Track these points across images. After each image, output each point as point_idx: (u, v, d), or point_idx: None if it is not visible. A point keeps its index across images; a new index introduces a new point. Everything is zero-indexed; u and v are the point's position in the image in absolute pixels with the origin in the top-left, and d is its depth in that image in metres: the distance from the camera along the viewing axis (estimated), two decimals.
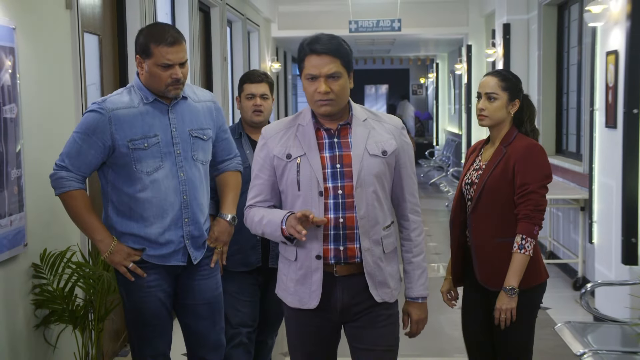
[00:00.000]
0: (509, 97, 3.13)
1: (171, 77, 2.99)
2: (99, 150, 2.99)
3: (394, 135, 2.68)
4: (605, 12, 5.21)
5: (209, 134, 3.17)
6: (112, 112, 2.99)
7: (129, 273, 3.05)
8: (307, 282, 2.64)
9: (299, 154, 2.62)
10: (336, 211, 2.60)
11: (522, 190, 3.05)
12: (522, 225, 3.04)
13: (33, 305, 3.48)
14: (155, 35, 3.00)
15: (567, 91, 7.78)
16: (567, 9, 7.75)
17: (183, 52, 3.02)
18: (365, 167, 2.60)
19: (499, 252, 3.08)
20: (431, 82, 22.46)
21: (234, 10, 8.79)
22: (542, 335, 5.08)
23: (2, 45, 3.17)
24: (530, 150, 3.11)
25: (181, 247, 3.09)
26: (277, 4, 12.43)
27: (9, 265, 3.28)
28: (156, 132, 3.03)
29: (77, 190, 3.02)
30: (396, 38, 14.17)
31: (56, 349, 3.65)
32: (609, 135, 5.22)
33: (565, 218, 7.13)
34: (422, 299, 2.77)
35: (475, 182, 3.14)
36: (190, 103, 3.15)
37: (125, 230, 3.05)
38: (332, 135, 2.64)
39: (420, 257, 2.76)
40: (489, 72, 3.29)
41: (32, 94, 3.46)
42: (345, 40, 2.64)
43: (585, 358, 3.23)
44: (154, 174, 3.02)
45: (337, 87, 2.56)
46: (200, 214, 3.12)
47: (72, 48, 3.96)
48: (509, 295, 3.03)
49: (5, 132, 3.20)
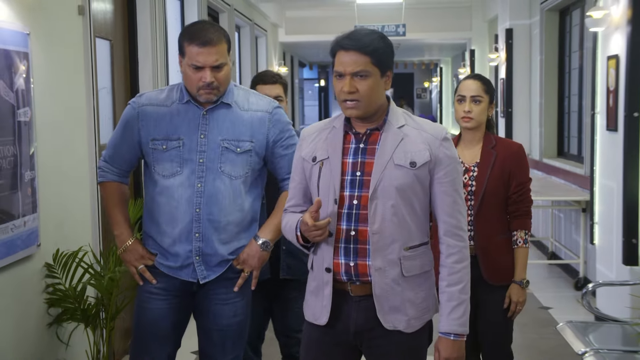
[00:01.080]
0: (489, 100, 3.23)
1: (201, 81, 2.71)
2: (130, 144, 2.86)
3: (431, 145, 2.31)
4: (606, 17, 5.21)
5: (245, 146, 2.80)
6: (142, 108, 2.83)
7: (137, 275, 2.87)
8: (320, 295, 2.38)
9: (323, 157, 2.36)
10: (349, 222, 2.31)
11: (521, 188, 3.17)
12: (524, 222, 3.17)
13: (46, 303, 3.49)
14: (189, 33, 2.74)
15: (569, 95, 7.77)
16: (568, 14, 7.75)
17: (219, 54, 2.71)
18: (387, 178, 2.28)
19: (500, 249, 3.17)
20: (435, 85, 22.46)
21: (242, 15, 8.81)
22: (544, 335, 5.09)
23: (16, 50, 3.19)
24: (522, 152, 3.23)
25: (190, 263, 2.81)
26: (284, 9, 12.44)
27: (23, 265, 3.29)
28: (180, 136, 2.78)
29: (110, 182, 2.92)
30: (401, 43, 14.17)
31: (68, 346, 3.66)
32: (610, 138, 5.21)
33: (567, 219, 7.11)
34: (455, 336, 2.33)
35: (468, 184, 3.16)
36: (234, 111, 2.81)
37: (148, 231, 2.89)
38: (360, 140, 2.35)
39: (457, 288, 2.33)
40: (468, 75, 3.35)
41: (45, 97, 3.47)
42: (387, 38, 2.33)
43: (587, 357, 3.22)
44: (170, 179, 2.79)
45: (364, 86, 2.26)
46: (213, 232, 2.78)
47: (84, 53, 3.98)
48: (523, 287, 3.16)
49: (20, 135, 3.21)
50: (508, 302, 3.15)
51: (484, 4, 12.05)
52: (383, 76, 2.31)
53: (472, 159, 3.21)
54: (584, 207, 6.34)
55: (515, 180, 3.16)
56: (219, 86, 2.74)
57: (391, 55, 2.33)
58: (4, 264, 3.11)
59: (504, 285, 3.17)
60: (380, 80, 2.30)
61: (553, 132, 8.14)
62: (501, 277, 3.17)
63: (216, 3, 7.44)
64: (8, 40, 3.12)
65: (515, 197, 3.16)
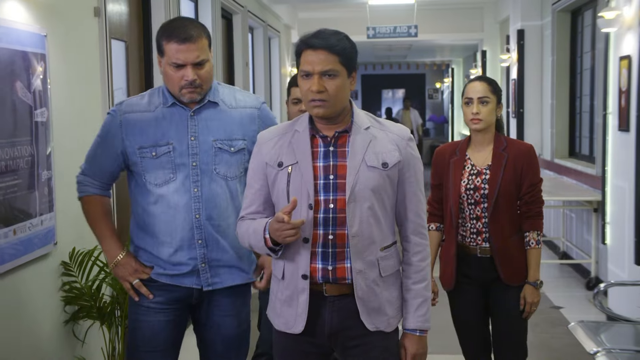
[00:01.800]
0: (497, 100, 3.21)
1: (183, 79, 2.57)
2: (112, 156, 2.68)
3: (399, 146, 2.30)
4: (618, 18, 5.17)
5: (238, 145, 2.68)
6: (124, 116, 2.65)
7: (132, 290, 2.68)
8: (294, 304, 2.30)
9: (291, 162, 2.28)
10: (326, 227, 2.24)
11: (533, 189, 3.17)
12: (537, 222, 3.17)
13: (63, 301, 3.50)
14: (168, 30, 2.58)
15: (580, 95, 7.73)
16: (580, 15, 7.70)
17: (199, 50, 2.56)
18: (361, 180, 2.24)
19: (514, 249, 3.17)
20: (447, 86, 22.39)
21: (255, 17, 8.81)
22: (556, 334, 5.06)
23: (34, 51, 3.20)
24: (533, 153, 3.22)
25: (196, 270, 2.66)
26: (297, 11, 12.44)
27: (40, 263, 3.30)
28: (169, 140, 2.62)
29: (92, 196, 2.74)
30: (413, 44, 14.14)
31: (84, 343, 3.67)
32: (622, 138, 5.17)
33: (579, 219, 7.07)
34: (421, 332, 2.33)
35: (481, 187, 3.14)
36: (222, 109, 2.69)
37: (140, 244, 2.70)
38: (329, 143, 2.29)
39: (422, 285, 2.33)
40: (474, 77, 3.33)
41: (61, 98, 3.49)
42: (349, 38, 2.29)
43: (599, 357, 3.19)
44: (163, 187, 2.62)
45: (332, 86, 2.21)
46: (217, 236, 2.65)
47: (100, 54, 3.99)
48: (537, 288, 3.17)
49: (37, 135, 3.22)
50: (523, 303, 3.16)
51: (495, 5, 12.01)
52: (349, 76, 2.27)
53: (484, 161, 3.19)
54: (596, 207, 6.30)
55: (526, 181, 3.15)
56: (202, 84, 2.61)
57: (356, 56, 2.29)
58: (22, 262, 3.12)
59: (517, 286, 3.17)
60: (347, 81, 2.26)
61: (565, 133, 8.10)
62: (517, 278, 3.17)
63: (229, 5, 7.45)
64: (26, 42, 3.13)
65: (527, 197, 3.16)
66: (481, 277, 3.20)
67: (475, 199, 3.16)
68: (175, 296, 2.68)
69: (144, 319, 2.68)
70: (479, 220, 3.17)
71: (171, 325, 2.70)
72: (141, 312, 2.69)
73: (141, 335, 2.68)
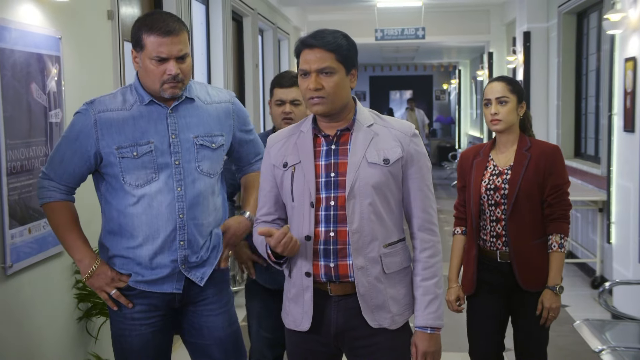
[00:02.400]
0: (517, 100, 3.10)
1: (166, 74, 2.43)
2: (83, 158, 2.49)
3: (401, 142, 2.27)
4: (624, 20, 5.16)
5: (219, 141, 2.59)
6: (99, 115, 2.48)
7: (111, 300, 2.52)
8: (300, 302, 2.30)
9: (294, 162, 2.29)
10: (327, 224, 2.24)
11: (556, 191, 3.04)
12: (560, 225, 3.04)
13: (76, 299, 3.53)
14: (148, 23, 2.44)
15: (586, 96, 7.71)
16: (586, 17, 7.68)
17: (182, 44, 2.45)
18: (362, 177, 2.22)
19: (536, 253, 3.04)
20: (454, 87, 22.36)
21: (265, 19, 8.83)
22: (561, 332, 5.05)
23: (49, 54, 3.22)
24: (558, 153, 3.10)
25: (175, 273, 2.53)
26: (306, 13, 12.46)
27: (54, 261, 3.33)
28: (149, 139, 2.48)
29: (58, 202, 2.54)
30: (420, 45, 14.13)
31: (97, 340, 3.69)
32: (627, 139, 5.17)
33: (584, 219, 7.06)
34: (432, 330, 2.29)
35: (501, 187, 3.04)
36: (198, 105, 2.58)
37: (115, 251, 2.53)
38: (330, 141, 2.29)
39: (431, 282, 2.29)
40: (493, 78, 3.23)
41: (75, 99, 3.51)
42: (349, 37, 2.28)
43: (604, 355, 3.19)
44: (145, 187, 2.47)
45: (329, 83, 2.21)
46: (199, 236, 2.54)
47: (113, 56, 4.01)
48: (557, 293, 3.04)
49: (51, 136, 3.25)
50: (541, 308, 3.03)
51: (502, 7, 11.99)
52: (348, 74, 2.26)
53: (506, 162, 3.09)
54: (601, 207, 6.29)
55: (550, 183, 3.02)
56: (184, 79, 2.48)
57: (355, 54, 2.28)
58: (37, 260, 3.15)
59: (539, 292, 3.05)
60: (346, 78, 2.25)
61: (570, 133, 8.08)
62: (536, 283, 3.04)
63: (240, 7, 7.47)
64: (41, 45, 3.16)
65: (550, 199, 3.03)
66: (502, 284, 3.08)
67: (495, 200, 3.05)
68: (157, 303, 2.55)
69: (129, 333, 2.54)
70: (499, 222, 3.06)
71: (158, 335, 2.57)
72: (126, 325, 2.55)
73: (129, 347, 2.55)
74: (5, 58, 2.89)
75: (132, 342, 2.54)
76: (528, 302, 3.05)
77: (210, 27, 6.65)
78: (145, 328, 2.54)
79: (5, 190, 2.90)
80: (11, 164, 2.94)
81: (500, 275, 3.07)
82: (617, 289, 5.23)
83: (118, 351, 2.59)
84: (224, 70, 6.62)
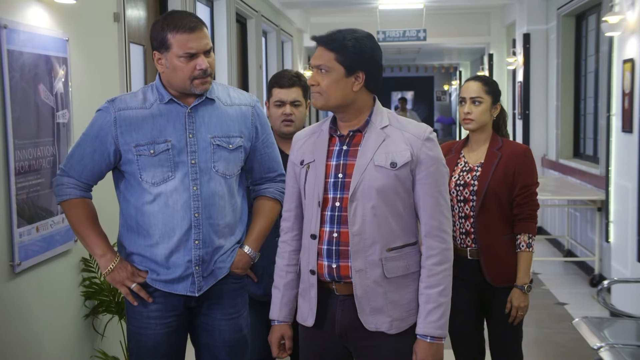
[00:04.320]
0: (492, 101, 3.11)
1: (196, 69, 2.42)
2: (103, 155, 2.48)
3: (412, 146, 2.21)
4: (622, 22, 5.16)
5: (237, 142, 2.54)
6: (119, 113, 2.47)
7: (131, 295, 2.50)
8: (306, 297, 2.30)
9: (309, 160, 2.29)
10: (331, 224, 2.23)
11: (525, 191, 3.04)
12: (528, 225, 3.04)
13: (83, 296, 3.53)
14: (171, 23, 2.42)
15: (585, 97, 7.71)
16: (584, 19, 7.68)
17: (206, 38, 2.44)
18: (367, 179, 2.19)
19: (504, 250, 3.05)
20: (454, 88, 22.37)
21: (268, 21, 8.84)
22: (560, 330, 5.05)
23: (56, 55, 3.23)
24: (528, 154, 3.10)
25: (189, 274, 2.49)
26: (309, 15, 12.47)
27: (62, 259, 3.33)
28: (167, 138, 2.46)
29: (78, 199, 2.52)
30: (421, 47, 14.13)
31: (104, 337, 3.70)
32: (625, 139, 5.16)
33: (583, 218, 7.05)
34: (432, 339, 2.21)
35: (470, 183, 3.06)
36: (218, 106, 2.54)
37: (132, 249, 2.52)
38: (343, 142, 2.27)
39: (435, 290, 2.20)
40: (470, 77, 3.24)
41: (82, 100, 3.51)
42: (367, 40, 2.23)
43: (602, 352, 3.19)
44: (161, 185, 2.45)
45: (323, 80, 2.20)
46: (215, 236, 2.50)
47: (119, 58, 4.02)
48: (525, 292, 3.04)
49: (58, 136, 3.25)
50: (509, 307, 3.04)
51: (502, 9, 11.98)
52: (350, 75, 2.20)
53: (477, 159, 3.11)
54: (600, 206, 6.28)
55: (519, 183, 3.03)
56: (212, 72, 2.48)
57: (365, 57, 2.21)
58: (44, 259, 3.15)
59: (508, 290, 3.05)
60: (345, 79, 2.20)
61: (569, 134, 8.08)
62: (504, 279, 3.05)
63: (244, 9, 7.48)
64: (49, 46, 3.16)
65: (519, 199, 3.03)
66: (474, 281, 3.07)
67: (464, 196, 3.06)
68: (173, 302, 2.53)
69: (145, 332, 2.52)
70: (467, 219, 3.06)
71: (173, 334, 2.55)
72: (142, 324, 2.53)
73: (144, 346, 2.53)
74: (14, 60, 2.90)
75: (148, 342, 2.52)
76: (498, 300, 3.08)
77: (214, 29, 6.66)
78: (161, 328, 2.52)
79: (13, 190, 2.91)
80: (19, 163, 2.95)
81: (471, 272, 3.08)
82: (616, 287, 5.23)
83: (133, 350, 2.58)
84: (228, 72, 6.63)
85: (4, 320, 2.88)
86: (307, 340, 2.36)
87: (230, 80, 6.65)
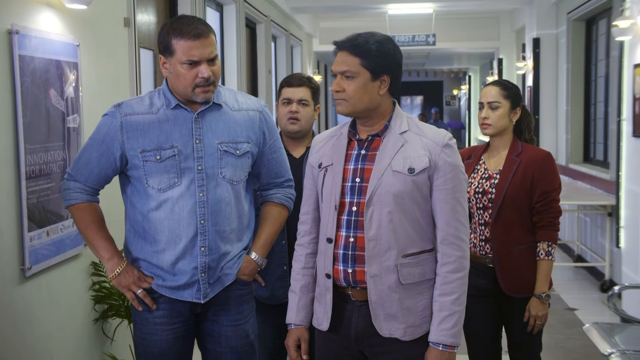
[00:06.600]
0: (510, 105, 3.05)
1: (198, 77, 2.38)
2: (109, 159, 2.46)
3: (431, 151, 2.18)
4: (632, 26, 5.14)
5: (244, 148, 2.50)
6: (125, 118, 2.44)
7: (136, 300, 2.49)
8: (322, 301, 2.29)
9: (327, 163, 2.27)
10: (348, 229, 2.21)
11: (544, 198, 2.96)
12: (547, 233, 2.97)
13: (92, 300, 3.54)
14: (177, 28, 2.38)
15: (595, 102, 7.68)
16: (595, 23, 7.65)
17: (211, 46, 2.39)
18: (384, 185, 2.16)
19: (521, 259, 2.98)
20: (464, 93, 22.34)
21: (278, 26, 8.85)
22: (570, 335, 5.03)
23: (67, 60, 3.24)
24: (549, 160, 3.01)
25: (195, 281, 2.47)
26: (318, 20, 12.48)
27: (72, 263, 3.34)
28: (173, 143, 2.43)
29: (84, 203, 2.51)
30: (431, 52, 14.12)
31: (113, 341, 3.70)
32: (636, 144, 5.14)
33: (593, 223, 7.02)
34: (444, 347, 2.17)
35: (488, 191, 3.01)
36: (225, 111, 2.50)
37: (139, 254, 2.50)
38: (362, 146, 2.25)
39: (449, 298, 2.17)
40: (490, 82, 3.19)
41: (92, 105, 3.53)
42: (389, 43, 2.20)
43: (613, 358, 3.17)
44: (168, 191, 2.43)
45: (349, 86, 2.17)
46: (222, 243, 2.47)
47: (129, 62, 4.03)
48: (543, 301, 2.97)
49: (69, 141, 3.27)
50: (527, 315, 2.98)
51: (511, 14, 11.97)
52: (376, 80, 2.18)
53: (496, 166, 3.06)
54: (610, 212, 6.26)
55: (539, 189, 2.95)
56: (215, 81, 2.43)
57: (389, 60, 2.19)
58: (54, 262, 3.16)
59: (527, 299, 2.99)
60: (372, 83, 2.18)
61: (579, 138, 8.05)
62: (519, 289, 2.99)
63: (253, 14, 7.49)
64: (60, 51, 3.18)
65: (538, 206, 2.96)
66: (493, 288, 3.02)
67: (483, 204, 3.01)
68: (179, 308, 2.51)
69: (151, 337, 2.51)
70: (486, 226, 3.01)
71: (180, 340, 2.53)
72: (148, 330, 2.52)
73: (150, 352, 2.52)
74: (25, 65, 2.91)
75: (154, 347, 2.51)
76: (516, 309, 3.02)
77: (224, 34, 6.68)
78: (167, 333, 2.50)
79: (24, 194, 2.92)
80: (30, 168, 2.96)
81: (490, 280, 3.03)
82: (626, 293, 5.20)
83: (141, 355, 2.56)
84: (238, 76, 6.64)
85: (15, 324, 2.89)
86: (323, 344, 2.34)
87: (240, 85, 6.66)
